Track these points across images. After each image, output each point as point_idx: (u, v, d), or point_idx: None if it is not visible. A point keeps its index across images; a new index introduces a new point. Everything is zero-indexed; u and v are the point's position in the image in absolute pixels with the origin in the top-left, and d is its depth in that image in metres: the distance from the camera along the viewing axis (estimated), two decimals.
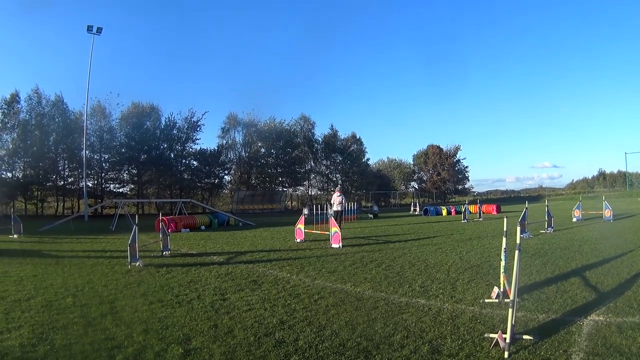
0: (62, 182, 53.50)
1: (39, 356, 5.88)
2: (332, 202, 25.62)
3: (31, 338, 6.57)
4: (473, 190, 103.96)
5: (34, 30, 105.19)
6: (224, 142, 65.08)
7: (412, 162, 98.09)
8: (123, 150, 56.36)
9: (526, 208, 20.69)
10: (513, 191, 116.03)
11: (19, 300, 8.93)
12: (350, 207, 32.55)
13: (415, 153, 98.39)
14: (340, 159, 76.33)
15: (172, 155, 59.66)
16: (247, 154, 65.62)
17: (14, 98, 50.46)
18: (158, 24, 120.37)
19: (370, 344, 6.02)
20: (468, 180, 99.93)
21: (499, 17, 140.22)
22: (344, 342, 6.11)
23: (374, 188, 77.58)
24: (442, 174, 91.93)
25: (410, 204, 55.92)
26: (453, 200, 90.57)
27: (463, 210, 31.72)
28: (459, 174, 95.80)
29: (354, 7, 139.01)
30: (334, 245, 16.73)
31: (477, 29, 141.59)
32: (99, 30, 43.43)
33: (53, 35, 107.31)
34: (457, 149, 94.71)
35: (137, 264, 12.97)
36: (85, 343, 6.34)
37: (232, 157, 65.49)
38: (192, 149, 61.45)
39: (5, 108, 49.80)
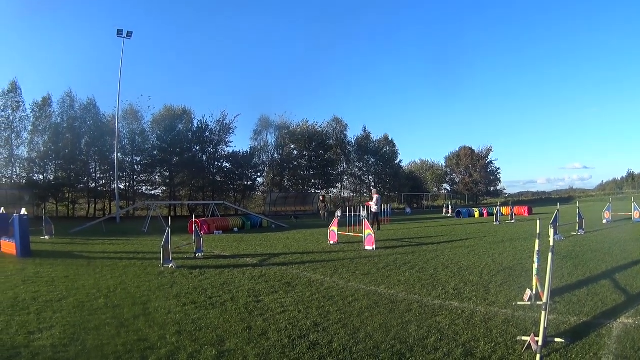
0: (94, 184, 54.35)
1: (71, 356, 5.94)
2: (371, 203, 26.31)
3: (63, 338, 6.64)
4: (505, 192, 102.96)
5: (66, 35, 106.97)
6: (257, 144, 65.40)
7: (444, 164, 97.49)
8: (155, 152, 57.00)
9: (557, 210, 20.47)
10: (544, 192, 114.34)
11: (51, 300, 9.04)
12: (384, 209, 32.45)
13: (448, 155, 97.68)
14: (373, 160, 76.09)
15: (205, 157, 59.95)
16: (279, 156, 65.73)
17: (46, 102, 51.56)
18: (188, 27, 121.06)
19: (404, 347, 6.04)
20: (500, 181, 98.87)
21: (529, 15, 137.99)
22: (377, 345, 6.12)
23: (406, 190, 77.12)
24: (474, 176, 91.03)
25: (443, 206, 55.65)
26: (485, 202, 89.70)
27: (495, 212, 31.92)
28: (491, 176, 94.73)
29: (390, 7, 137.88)
30: (368, 248, 16.78)
31: (506, 27, 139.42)
32: (129, 34, 44.24)
33: (86, 40, 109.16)
34: (488, 150, 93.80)
35: (170, 265, 13.09)
36: (117, 344, 6.39)
37: (264, 159, 65.69)
38: (225, 151, 61.83)
39: (37, 111, 50.87)
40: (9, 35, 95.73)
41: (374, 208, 26.05)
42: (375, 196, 26.71)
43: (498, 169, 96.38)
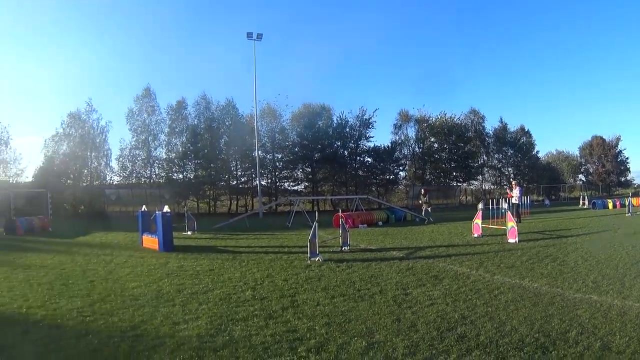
0: (235, 182, 56.37)
1: (217, 346, 6.04)
2: (513, 194, 26.47)
3: (209, 329, 6.79)
4: (634, 182, 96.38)
5: (203, 39, 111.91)
6: (397, 138, 65.13)
7: (578, 154, 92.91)
8: (296, 149, 58.18)
9: None
10: None
11: (196, 293, 9.31)
12: (524, 201, 31.49)
13: (581, 144, 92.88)
14: (512, 152, 73.89)
15: (346, 153, 60.32)
16: (420, 150, 65.23)
17: (181, 105, 54.49)
18: (322, 27, 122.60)
19: (547, 340, 6.13)
20: (629, 171, 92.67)
21: None
22: (522, 338, 6.22)
23: (544, 181, 74.26)
24: (606, 166, 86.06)
25: (579, 197, 53.05)
26: (617, 192, 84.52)
27: (627, 203, 31.39)
28: (621, 166, 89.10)
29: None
30: (511, 240, 17.00)
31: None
32: (259, 36, 45.30)
33: (220, 44, 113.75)
34: (618, 139, 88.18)
35: (317, 259, 13.18)
36: (265, 335, 6.47)
37: (405, 152, 65.39)
38: (366, 146, 61.62)
39: (172, 114, 53.85)
40: (143, 43, 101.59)
41: (515, 200, 26.08)
42: (516, 188, 26.83)
43: (627, 158, 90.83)
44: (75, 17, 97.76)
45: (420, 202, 26.04)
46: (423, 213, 27.26)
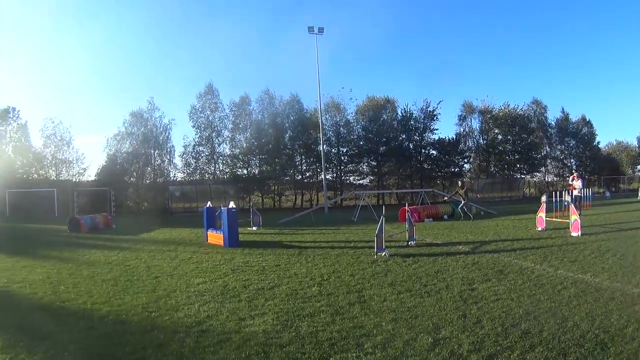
0: (300, 177, 56.91)
1: (284, 342, 6.09)
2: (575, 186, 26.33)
3: (275, 325, 6.85)
4: None
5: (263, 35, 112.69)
6: (462, 130, 64.64)
7: (636, 144, 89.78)
8: (361, 143, 58.44)
9: None
10: None
11: (262, 288, 9.39)
12: (585, 193, 30.74)
13: (639, 135, 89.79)
14: (574, 143, 72.13)
15: (411, 145, 60.13)
16: (484, 141, 64.48)
17: (245, 100, 55.63)
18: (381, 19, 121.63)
19: (607, 336, 6.10)
20: None
21: None
22: (583, 334, 6.20)
23: (605, 173, 72.19)
24: None
25: (637, 189, 52.32)
26: None
27: None
28: None
29: None
30: (574, 234, 16.89)
31: None
32: (320, 30, 45.46)
33: (284, 38, 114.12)
34: None
35: (384, 253, 13.15)
36: (332, 331, 6.49)
37: (470, 145, 64.85)
38: (430, 138, 61.42)
39: (236, 110, 55.01)
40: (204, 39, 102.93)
41: (577, 192, 25.87)
42: (578, 180, 26.63)
43: None
44: (137, 17, 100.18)
45: (458, 194, 25.41)
46: (459, 208, 26.60)
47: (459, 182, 27.95)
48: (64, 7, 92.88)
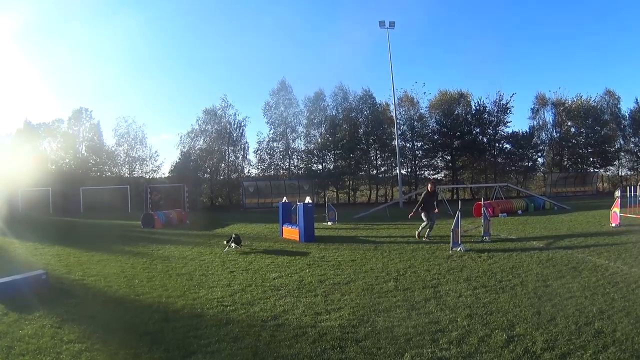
0: (375, 171, 56.82)
1: (359, 337, 6.14)
2: None
3: (351, 320, 6.91)
4: None
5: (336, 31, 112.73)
6: (535, 123, 63.30)
7: None
8: (436, 137, 58.04)
9: None
10: None
11: (338, 283, 9.48)
12: None
13: None
14: None
15: (485, 139, 59.33)
16: (558, 135, 62.95)
17: (319, 96, 55.64)
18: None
19: None
20: None
21: None
22: None
23: None
24: None
25: None
26: None
27: None
28: None
29: None
30: None
31: None
32: (392, 24, 45.02)
33: (357, 32, 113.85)
34: None
35: (459, 249, 13.17)
36: (408, 326, 6.51)
37: (544, 138, 63.48)
38: (504, 132, 60.28)
39: (310, 106, 55.16)
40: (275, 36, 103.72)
41: None
42: None
43: None
44: (210, 16, 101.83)
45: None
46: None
47: (429, 182, 19.78)
48: (138, 6, 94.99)
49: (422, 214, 16.27)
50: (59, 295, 9.15)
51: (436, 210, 16.35)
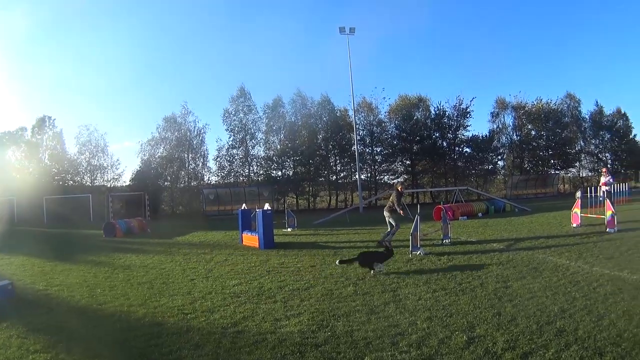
0: (334, 177, 56.99)
1: (319, 342, 6.18)
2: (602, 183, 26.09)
3: (311, 325, 6.94)
4: None
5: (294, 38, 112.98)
6: (495, 126, 64.30)
7: None
8: (395, 142, 58.48)
9: None
10: None
11: (298, 289, 9.49)
12: (619, 188, 30.18)
13: None
14: (608, 137, 70.98)
15: (445, 143, 59.98)
16: (518, 138, 64.08)
17: (278, 102, 55.79)
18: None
19: None
20: None
21: None
22: (620, 333, 6.19)
23: None
24: None
25: None
26: None
27: None
28: None
29: None
30: (610, 230, 16.62)
31: None
32: (352, 30, 45.38)
33: (315, 39, 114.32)
34: None
35: (419, 252, 13.25)
36: (367, 330, 6.58)
37: (504, 141, 64.51)
38: (464, 136, 61.14)
39: (269, 112, 55.33)
40: (238, 42, 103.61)
41: (606, 188, 25.47)
42: (608, 176, 26.60)
43: None
44: (168, 21, 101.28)
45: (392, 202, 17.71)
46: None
47: (397, 184, 21.52)
48: (95, 11, 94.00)
49: (391, 219, 16.40)
50: (25, 305, 9.12)
51: (401, 212, 16.46)
